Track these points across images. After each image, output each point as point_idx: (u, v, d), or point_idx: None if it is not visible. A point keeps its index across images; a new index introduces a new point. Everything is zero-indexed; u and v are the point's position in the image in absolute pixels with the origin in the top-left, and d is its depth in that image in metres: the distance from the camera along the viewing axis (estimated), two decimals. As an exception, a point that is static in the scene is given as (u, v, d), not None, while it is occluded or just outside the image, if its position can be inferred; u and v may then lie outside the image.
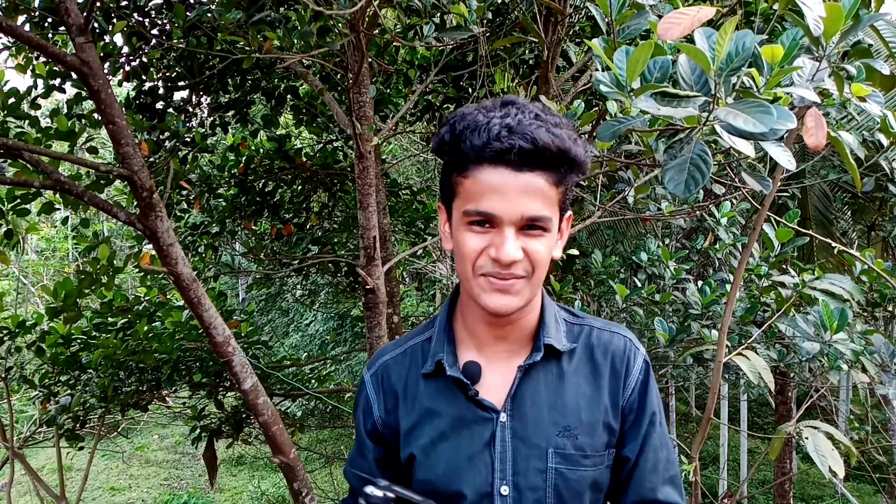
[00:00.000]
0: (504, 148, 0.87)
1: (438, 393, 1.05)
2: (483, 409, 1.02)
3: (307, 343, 13.19)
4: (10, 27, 2.45)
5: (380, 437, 1.10)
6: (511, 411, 1.01)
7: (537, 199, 0.90)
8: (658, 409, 1.08)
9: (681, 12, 1.19)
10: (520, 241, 0.92)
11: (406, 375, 1.08)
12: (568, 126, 0.93)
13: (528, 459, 1.00)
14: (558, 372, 1.04)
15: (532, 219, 0.91)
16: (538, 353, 1.02)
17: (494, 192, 0.90)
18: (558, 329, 1.06)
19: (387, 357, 1.12)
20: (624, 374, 1.05)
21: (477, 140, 0.89)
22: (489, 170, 0.90)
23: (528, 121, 0.89)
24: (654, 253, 3.22)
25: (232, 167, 4.70)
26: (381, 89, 4.53)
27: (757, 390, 8.01)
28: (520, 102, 0.93)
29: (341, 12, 2.57)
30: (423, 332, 1.12)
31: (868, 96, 1.44)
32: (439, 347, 1.06)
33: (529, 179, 0.89)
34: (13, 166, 2.95)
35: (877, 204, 5.55)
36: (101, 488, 10.89)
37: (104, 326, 4.12)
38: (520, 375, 1.02)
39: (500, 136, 0.88)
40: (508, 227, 0.91)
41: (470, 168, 0.91)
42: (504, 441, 1.01)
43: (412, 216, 5.28)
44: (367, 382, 1.11)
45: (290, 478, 3.32)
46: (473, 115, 0.92)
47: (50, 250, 16.58)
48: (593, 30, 3.67)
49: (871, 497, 9.41)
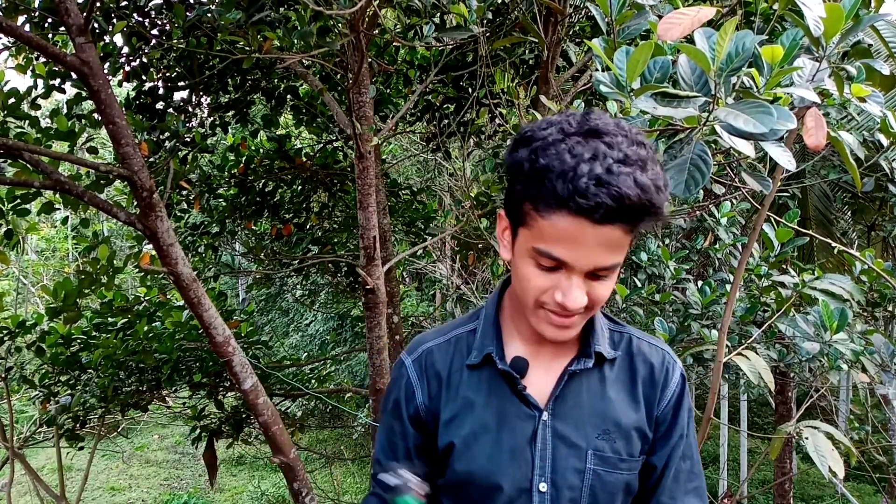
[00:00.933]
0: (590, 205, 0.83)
1: (482, 385, 1.06)
2: (527, 406, 1.04)
3: (307, 343, 13.19)
4: (10, 27, 2.45)
5: (422, 423, 1.09)
6: (553, 410, 1.03)
7: (612, 250, 0.89)
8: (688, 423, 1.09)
9: (681, 12, 1.19)
10: (586, 285, 0.92)
11: (450, 363, 1.09)
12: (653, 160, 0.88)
13: (568, 459, 1.02)
14: (600, 377, 1.06)
15: (603, 268, 0.90)
16: (589, 361, 1.04)
17: (571, 241, 0.87)
18: (604, 336, 1.08)
19: (430, 343, 1.12)
20: (662, 386, 1.07)
21: (561, 188, 0.84)
22: (569, 218, 0.86)
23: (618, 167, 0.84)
24: (654, 253, 3.22)
25: (232, 167, 4.70)
26: (381, 89, 4.53)
27: (757, 390, 8.01)
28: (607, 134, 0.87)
29: (341, 12, 2.57)
30: (468, 324, 1.12)
31: (868, 96, 1.44)
32: (487, 341, 1.07)
33: (608, 233, 0.86)
34: (13, 166, 2.95)
35: (877, 204, 5.55)
36: (101, 488, 10.89)
37: (104, 326, 4.12)
38: (567, 378, 1.04)
39: (587, 192, 0.83)
40: (578, 276, 0.90)
41: (550, 210, 0.87)
42: (545, 439, 1.02)
43: (412, 216, 5.28)
44: (408, 367, 1.11)
45: (290, 478, 3.32)
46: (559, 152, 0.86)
47: (50, 250, 16.58)
48: (593, 30, 3.67)
49: (871, 497, 9.41)
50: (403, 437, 1.11)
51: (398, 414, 1.10)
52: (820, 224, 5.53)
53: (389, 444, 1.12)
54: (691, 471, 1.09)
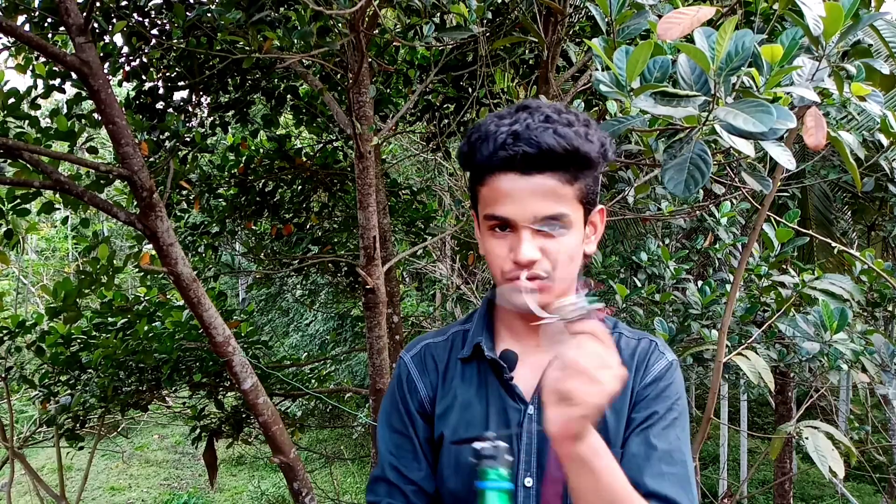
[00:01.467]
0: (509, 155, 0.91)
1: (472, 378, 1.07)
2: (513, 398, 1.04)
3: (307, 343, 13.19)
4: (10, 27, 2.45)
5: (428, 417, 1.10)
6: (538, 404, 1.02)
7: (548, 199, 0.93)
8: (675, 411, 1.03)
9: (680, 12, 1.19)
10: (537, 241, 0.95)
11: (447, 358, 1.11)
12: (582, 122, 0.94)
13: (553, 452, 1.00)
14: None
15: (546, 218, 0.94)
16: None
17: (506, 196, 0.94)
18: None
19: (429, 341, 1.15)
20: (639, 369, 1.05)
21: (486, 150, 0.94)
22: (500, 176, 0.94)
23: (536, 124, 0.92)
24: (654, 253, 3.22)
25: (232, 167, 4.70)
26: (381, 89, 4.53)
27: (757, 390, 8.02)
28: (533, 105, 0.96)
29: (341, 12, 2.57)
30: (464, 324, 1.15)
31: (868, 96, 1.44)
32: (478, 333, 1.09)
33: (539, 181, 0.93)
34: (13, 166, 2.95)
35: (877, 204, 5.55)
36: (101, 488, 10.89)
37: (104, 326, 4.11)
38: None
39: (505, 145, 0.92)
40: (524, 230, 0.94)
41: (485, 177, 0.97)
42: (530, 433, 1.02)
43: (412, 216, 5.28)
44: (408, 363, 1.13)
45: (290, 478, 3.32)
46: (486, 125, 0.96)
47: (50, 250, 16.58)
48: (593, 30, 3.67)
49: (871, 497, 9.41)
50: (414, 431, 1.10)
51: (405, 409, 1.11)
52: (820, 224, 5.53)
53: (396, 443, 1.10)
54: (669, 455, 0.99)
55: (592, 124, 0.96)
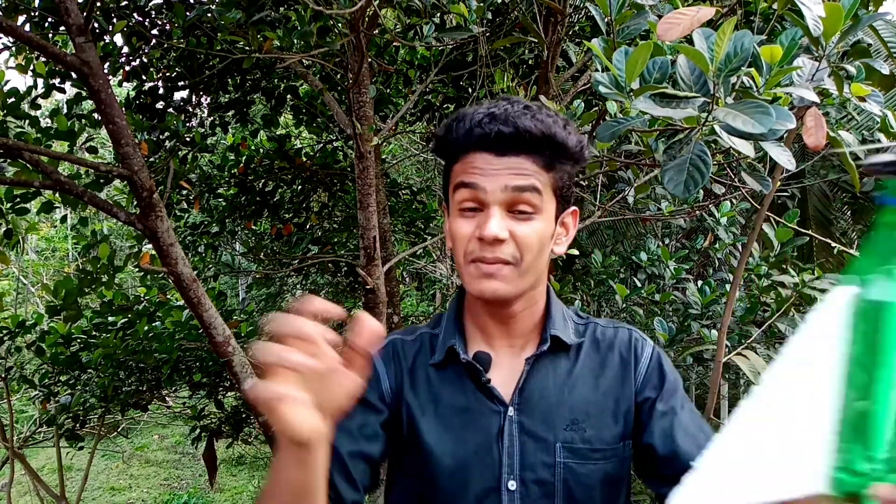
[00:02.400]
0: (485, 133, 0.91)
1: (446, 383, 1.04)
2: (491, 401, 1.01)
3: (307, 343, 13.15)
4: (10, 27, 2.46)
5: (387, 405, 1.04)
6: (518, 405, 1.01)
7: (522, 174, 0.92)
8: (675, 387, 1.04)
9: (680, 13, 1.20)
10: (506, 222, 0.93)
11: (415, 358, 1.07)
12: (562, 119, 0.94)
13: (536, 454, 0.99)
14: (567, 366, 1.03)
15: (517, 188, 0.92)
16: (545, 345, 1.02)
17: (479, 170, 0.93)
18: (566, 325, 1.06)
19: (396, 337, 1.10)
20: (634, 362, 1.05)
21: (461, 129, 0.94)
22: (474, 155, 0.94)
23: (514, 110, 0.92)
24: (654, 253, 3.22)
25: (232, 167, 4.70)
26: (381, 89, 4.53)
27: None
28: (514, 99, 0.96)
29: (341, 12, 2.57)
30: (433, 328, 1.11)
31: (868, 96, 1.44)
32: (449, 336, 1.05)
33: (514, 161, 0.92)
34: (13, 166, 2.95)
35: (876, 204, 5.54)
36: (101, 488, 10.88)
37: (104, 326, 4.11)
38: (527, 368, 1.01)
39: (481, 123, 0.92)
40: (494, 206, 0.92)
41: (459, 155, 0.96)
42: (512, 435, 0.99)
43: (412, 216, 5.28)
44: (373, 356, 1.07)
45: (290, 478, 3.31)
46: (465, 110, 0.96)
47: (50, 250, 16.57)
48: (593, 30, 3.67)
49: (871, 497, 9.42)
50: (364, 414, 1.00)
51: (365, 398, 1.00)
52: (819, 224, 5.53)
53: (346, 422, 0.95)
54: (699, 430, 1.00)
55: (571, 124, 0.96)
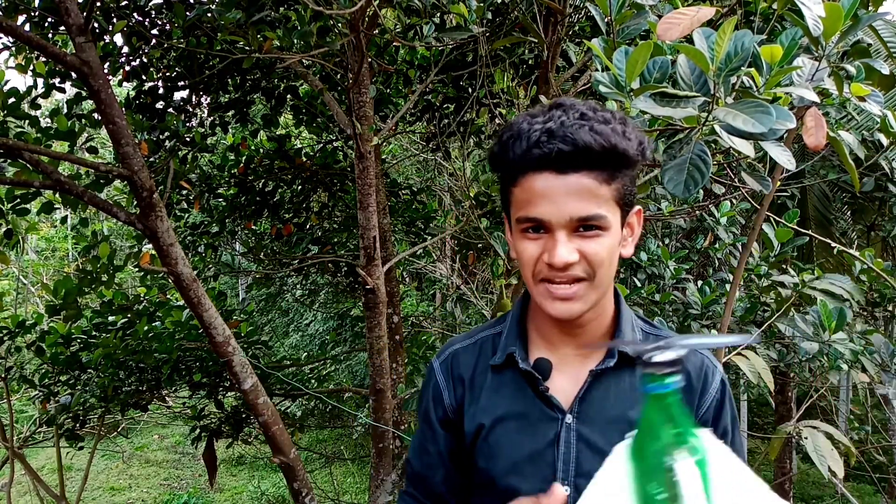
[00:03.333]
0: (544, 153, 0.87)
1: (505, 386, 1.05)
2: (550, 408, 1.01)
3: (307, 343, 13.17)
4: (10, 27, 2.45)
5: (451, 424, 1.09)
6: (578, 413, 1.01)
7: (585, 199, 0.89)
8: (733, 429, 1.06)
9: (680, 12, 1.20)
10: (574, 243, 0.91)
11: (475, 365, 1.08)
12: (619, 120, 0.91)
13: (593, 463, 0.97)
14: (630, 381, 1.03)
15: (582, 219, 0.90)
16: (611, 360, 1.01)
17: (541, 197, 0.90)
18: (634, 337, 1.05)
19: (457, 346, 1.12)
20: (700, 392, 1.04)
21: (519, 148, 0.89)
22: (534, 176, 0.90)
23: (571, 121, 0.88)
24: (654, 253, 3.22)
25: (232, 167, 4.70)
26: (381, 89, 4.53)
27: (757, 390, 8.01)
28: (567, 104, 0.92)
29: (341, 12, 2.57)
30: (495, 326, 1.12)
31: (867, 96, 1.44)
32: (511, 341, 1.05)
33: (575, 181, 0.88)
34: (13, 166, 2.95)
35: (876, 204, 5.55)
36: (101, 488, 10.88)
37: (104, 326, 4.11)
38: (590, 380, 1.01)
39: (539, 143, 0.88)
40: (559, 231, 0.90)
41: (518, 177, 0.92)
42: (568, 442, 1.00)
43: (412, 216, 5.28)
44: (436, 370, 1.11)
45: (290, 478, 3.32)
46: (518, 123, 0.92)
47: (50, 250, 16.57)
48: (593, 30, 3.67)
49: (871, 497, 9.41)
50: (434, 441, 1.10)
51: (428, 417, 1.10)
52: (819, 224, 5.53)
53: (421, 448, 1.12)
54: None
55: (629, 122, 0.93)
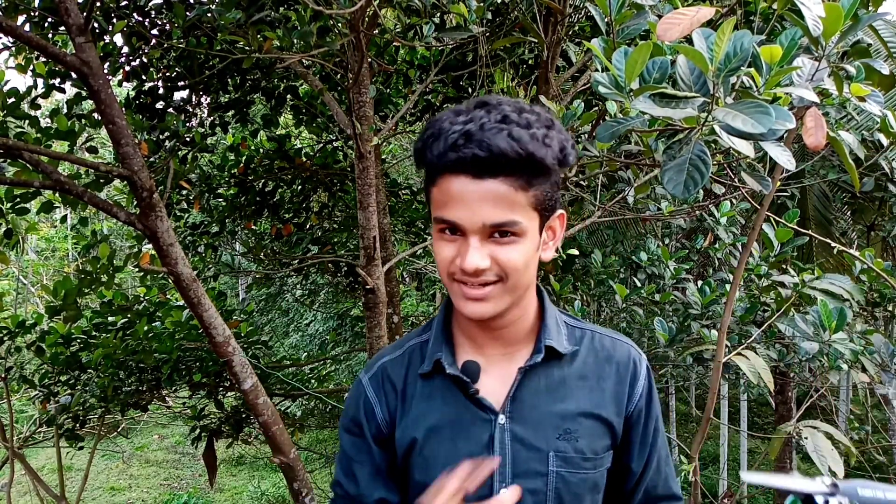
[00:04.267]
0: (460, 157, 0.86)
1: (435, 393, 1.04)
2: (482, 410, 1.01)
3: (307, 343, 13.18)
4: (10, 27, 2.45)
5: (384, 439, 1.07)
6: (510, 413, 1.00)
7: (500, 205, 0.88)
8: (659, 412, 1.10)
9: (680, 13, 1.20)
10: (487, 248, 0.90)
11: (405, 375, 1.07)
12: (543, 123, 0.89)
13: (529, 462, 0.99)
14: (560, 375, 1.03)
15: (495, 226, 0.89)
16: (539, 355, 1.01)
17: (456, 200, 0.89)
18: (559, 332, 1.05)
19: (385, 359, 1.10)
20: (630, 382, 1.05)
21: (437, 149, 0.88)
22: (451, 179, 0.89)
23: (491, 125, 0.86)
24: (654, 253, 3.22)
25: (232, 167, 4.70)
26: (381, 89, 4.53)
27: (757, 390, 8.01)
28: (493, 102, 0.90)
29: (341, 12, 2.57)
30: (421, 335, 1.10)
31: (867, 96, 1.44)
32: (437, 347, 1.04)
33: (490, 187, 0.87)
34: (13, 166, 2.95)
35: (876, 204, 5.55)
36: (101, 488, 10.88)
37: (104, 326, 4.11)
38: (520, 377, 1.01)
39: (456, 145, 0.86)
40: (473, 236, 0.90)
41: (436, 177, 0.91)
42: (503, 443, 0.99)
43: (412, 216, 5.28)
44: (365, 385, 1.08)
45: (290, 478, 3.32)
46: (441, 121, 0.90)
47: (49, 250, 16.58)
48: (593, 30, 3.67)
49: (871, 497, 9.40)
50: (369, 456, 1.07)
51: (360, 433, 1.07)
52: (819, 224, 5.53)
53: (351, 465, 1.08)
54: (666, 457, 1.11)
55: (555, 126, 0.90)
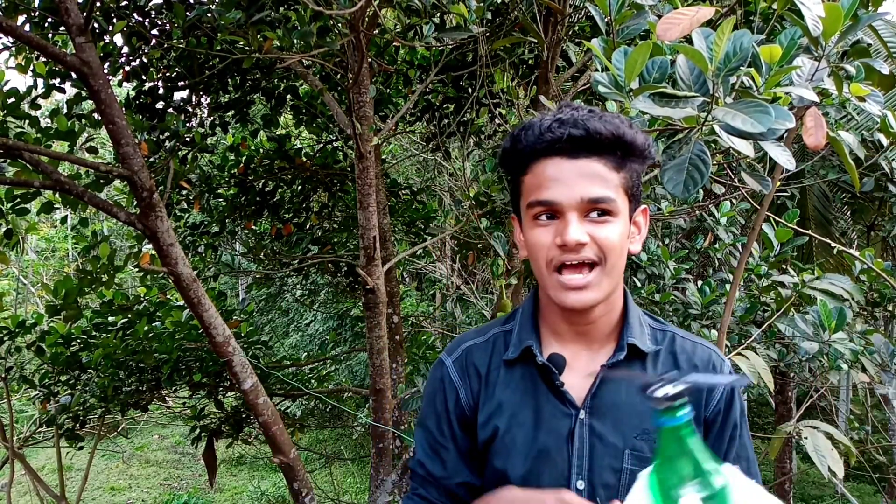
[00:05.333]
0: (556, 137, 0.91)
1: (519, 382, 1.05)
2: (563, 403, 1.02)
3: (307, 343, 13.17)
4: (10, 27, 2.46)
5: (468, 423, 1.07)
6: (590, 409, 1.01)
7: (596, 182, 0.92)
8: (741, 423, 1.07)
9: (680, 13, 1.20)
10: (585, 226, 0.93)
11: (489, 361, 1.08)
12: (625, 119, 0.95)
13: (605, 457, 1.00)
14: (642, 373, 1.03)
15: (593, 200, 0.92)
16: (622, 353, 1.02)
17: (553, 180, 0.93)
18: (642, 331, 1.05)
19: (469, 343, 1.11)
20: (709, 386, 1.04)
21: (531, 136, 0.94)
22: (545, 161, 0.94)
23: (581, 114, 0.93)
24: (654, 253, 3.22)
25: (232, 167, 4.70)
26: (381, 89, 4.53)
27: (757, 390, 8.01)
28: (577, 104, 0.97)
29: (341, 12, 2.57)
30: (504, 324, 1.11)
31: (867, 96, 1.44)
32: (526, 335, 1.05)
33: (585, 164, 0.92)
34: (13, 166, 2.95)
35: (876, 204, 5.55)
36: (101, 488, 10.88)
37: (104, 326, 4.11)
38: (602, 374, 1.02)
39: (551, 128, 0.92)
40: (571, 213, 0.93)
41: (529, 165, 0.96)
42: (582, 437, 1.00)
43: (412, 216, 5.28)
44: (448, 368, 1.09)
45: (290, 478, 3.32)
46: (530, 119, 0.96)
47: (50, 250, 16.57)
48: (593, 30, 3.67)
49: (871, 497, 9.41)
50: (453, 440, 1.08)
51: (445, 416, 1.08)
52: (819, 224, 5.53)
53: (434, 449, 1.09)
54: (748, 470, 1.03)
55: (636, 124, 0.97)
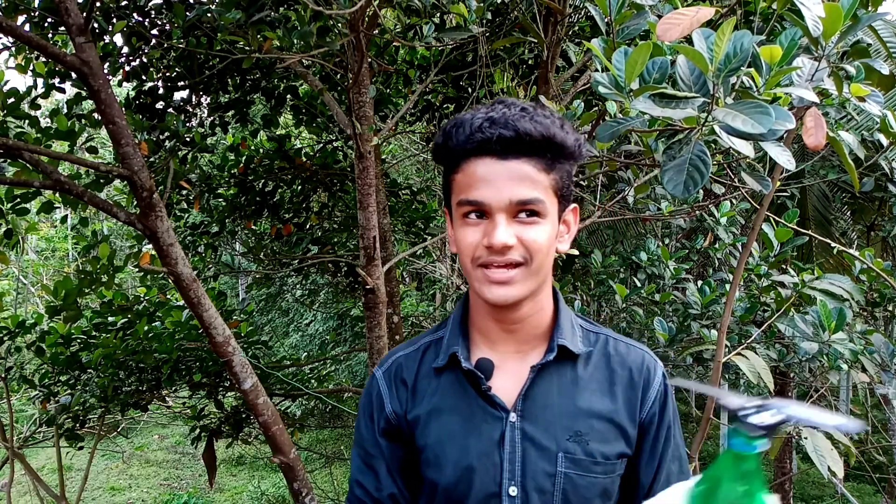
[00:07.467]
0: (486, 137, 0.91)
1: (448, 388, 1.04)
2: (493, 407, 1.01)
3: (307, 343, 13.17)
4: (10, 27, 2.46)
5: (395, 433, 1.07)
6: (522, 412, 1.01)
7: (524, 183, 0.92)
8: (674, 421, 1.07)
9: (680, 13, 1.20)
10: (513, 228, 0.93)
11: (417, 370, 1.08)
12: (558, 118, 0.95)
13: (538, 462, 0.99)
14: (573, 376, 1.03)
15: (521, 202, 0.92)
16: (551, 354, 1.02)
17: (482, 180, 0.93)
18: (574, 333, 1.05)
19: (400, 353, 1.12)
20: (644, 388, 1.04)
21: (462, 135, 0.93)
22: (475, 161, 0.93)
23: (512, 113, 0.92)
24: (654, 253, 3.22)
25: (232, 167, 4.70)
26: (381, 89, 4.53)
27: (757, 390, 8.02)
28: (510, 101, 0.96)
29: (341, 12, 2.57)
30: (436, 332, 1.12)
31: (867, 96, 1.45)
32: (454, 341, 1.05)
33: (515, 166, 0.92)
34: (13, 166, 2.95)
35: (876, 204, 5.55)
36: (101, 488, 10.88)
37: (104, 326, 4.11)
38: (532, 376, 1.01)
39: (482, 128, 0.91)
40: (499, 214, 0.93)
41: (460, 163, 0.95)
42: (514, 441, 1.00)
43: (412, 216, 5.28)
44: (378, 378, 1.10)
45: (290, 478, 3.32)
46: (462, 116, 0.96)
47: (50, 250, 16.57)
48: (593, 30, 3.67)
49: (871, 497, 9.41)
50: (381, 453, 1.08)
51: (371, 428, 1.09)
52: (819, 224, 5.53)
53: (367, 464, 1.09)
54: (681, 471, 1.07)
55: (568, 123, 0.97)
